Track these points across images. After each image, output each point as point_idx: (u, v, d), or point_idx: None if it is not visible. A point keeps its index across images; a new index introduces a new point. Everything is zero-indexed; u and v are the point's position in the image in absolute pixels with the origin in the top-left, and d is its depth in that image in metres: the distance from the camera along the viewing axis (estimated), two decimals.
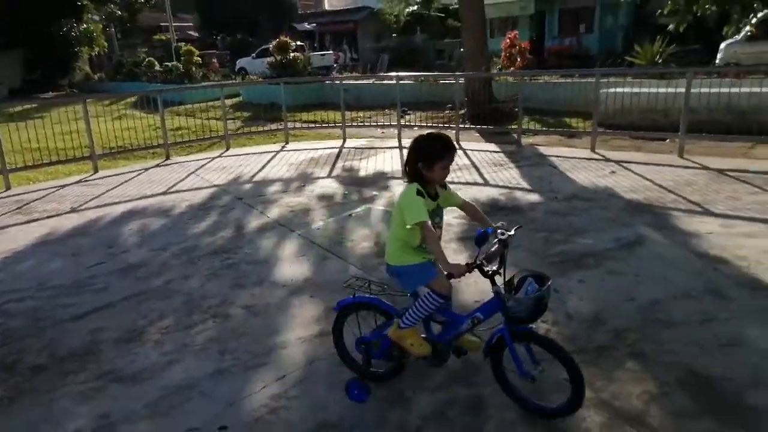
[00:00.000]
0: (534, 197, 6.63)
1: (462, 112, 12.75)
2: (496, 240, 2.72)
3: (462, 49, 15.16)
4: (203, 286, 4.67)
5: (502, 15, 27.48)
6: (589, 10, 25.66)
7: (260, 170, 8.92)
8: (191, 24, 46.81)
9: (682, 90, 8.44)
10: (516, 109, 11.11)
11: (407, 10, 32.96)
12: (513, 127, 10.35)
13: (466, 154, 9.32)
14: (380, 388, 3.15)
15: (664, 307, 3.87)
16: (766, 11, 12.60)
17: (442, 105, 13.57)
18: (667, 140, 9.19)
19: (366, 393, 3.04)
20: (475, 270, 2.63)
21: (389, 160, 9.25)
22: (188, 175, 8.89)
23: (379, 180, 7.86)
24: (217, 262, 5.14)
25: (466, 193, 6.82)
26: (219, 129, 11.81)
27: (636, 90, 10.57)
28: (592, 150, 9.00)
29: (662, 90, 9.94)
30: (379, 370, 3.18)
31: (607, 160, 8.35)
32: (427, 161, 2.69)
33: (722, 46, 15.62)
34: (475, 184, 7.44)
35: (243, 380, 3.34)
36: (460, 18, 13.90)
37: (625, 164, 7.95)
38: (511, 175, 7.77)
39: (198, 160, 10.15)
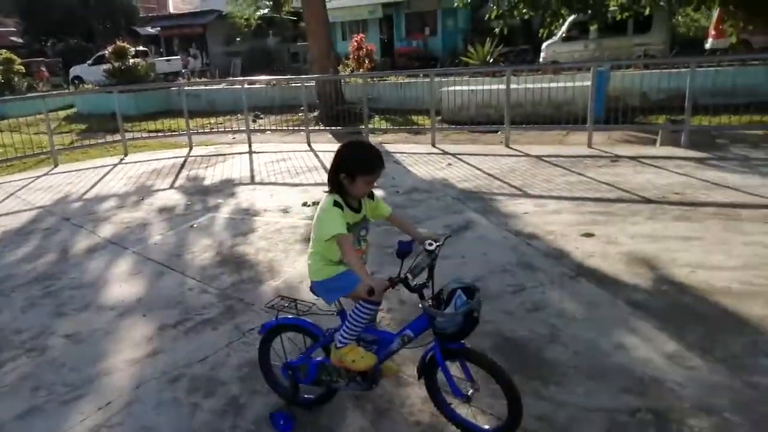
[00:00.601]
0: (378, 193, 6.84)
1: (314, 114, 12.88)
2: (422, 251, 2.52)
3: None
4: (17, 319, 4.22)
5: (353, 18, 28.13)
6: (431, 14, 27.17)
7: (93, 186, 8.25)
8: (14, 29, 41.80)
9: (518, 86, 9.32)
10: (366, 110, 11.49)
11: (258, 13, 32.40)
12: (361, 127, 10.65)
13: (316, 155, 9.42)
14: (306, 415, 2.91)
15: (484, 283, 4.24)
16: (573, 16, 14.27)
17: (296, 108, 13.56)
18: (499, 132, 10.04)
19: (292, 424, 2.82)
20: (400, 285, 2.37)
21: (238, 166, 9.06)
22: (7, 197, 7.96)
23: (226, 187, 7.67)
24: (35, 290, 4.68)
25: (316, 195, 6.92)
26: (47, 144, 10.71)
27: (473, 88, 11.42)
28: (433, 145, 9.57)
29: (494, 87, 10.85)
30: (307, 396, 2.96)
31: (445, 153, 8.93)
32: (351, 173, 2.44)
33: (544, 46, 17.44)
34: (324, 184, 7.51)
35: (58, 416, 3.08)
36: (305, 22, 14.02)
37: (460, 156, 8.56)
38: None
39: (20, 180, 9.12)
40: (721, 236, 4.77)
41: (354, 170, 2.44)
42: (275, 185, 7.68)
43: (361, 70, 15.92)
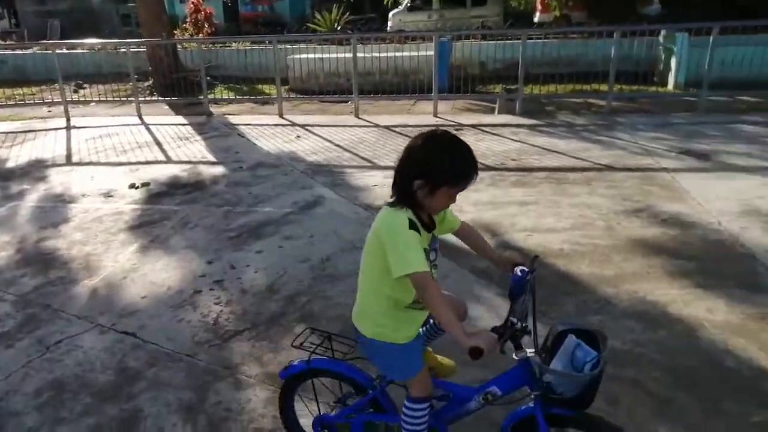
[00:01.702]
0: (219, 170, 6.35)
1: (147, 83, 11.62)
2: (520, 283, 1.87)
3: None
4: None
5: None
6: None
7: None
8: None
9: (364, 55, 9.13)
10: (208, 78, 10.59)
11: None
12: (201, 97, 9.80)
13: (148, 130, 8.48)
14: None
15: (333, 263, 4.04)
16: None
17: (126, 77, 12.11)
18: (349, 102, 9.86)
19: None
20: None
21: (52, 144, 7.83)
22: None
23: (35, 170, 6.56)
24: None
25: (146, 175, 6.17)
26: None
27: (321, 56, 11.05)
28: (281, 116, 9.12)
29: (342, 55, 10.59)
30: None
31: (294, 125, 8.55)
32: (433, 182, 1.72)
33: (390, 15, 17.54)
34: (157, 162, 6.79)
35: None
36: None
37: (310, 128, 8.24)
38: (197, 148, 7.32)
39: None
40: (553, 199, 5.08)
41: (440, 178, 1.71)
42: (97, 165, 6.74)
43: (200, 35, 14.68)
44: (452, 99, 9.53)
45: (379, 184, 5.63)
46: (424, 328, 2.07)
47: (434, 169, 1.71)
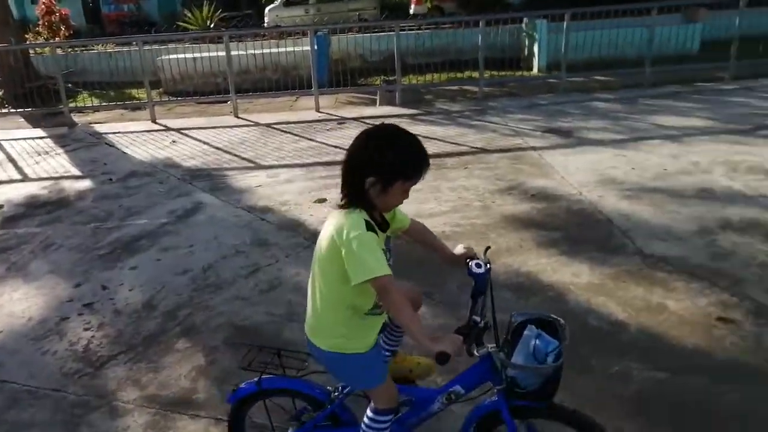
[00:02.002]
0: (85, 184, 5.87)
1: None
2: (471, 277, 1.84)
3: None
4: None
5: None
6: None
7: None
8: None
9: (233, 53, 8.81)
10: (69, 85, 9.75)
11: None
12: (61, 107, 8.99)
13: (0, 146, 7.64)
14: None
15: (215, 271, 3.89)
16: None
17: None
18: (228, 102, 9.52)
19: None
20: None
21: None
22: None
23: None
24: None
25: (0, 195, 5.56)
26: None
27: (194, 55, 10.54)
28: (153, 121, 8.60)
29: (218, 54, 10.17)
30: None
31: (169, 129, 8.11)
32: (386, 177, 1.65)
33: (266, 10, 17.16)
34: (11, 181, 6.14)
35: None
36: None
37: (185, 131, 7.86)
38: (58, 162, 6.71)
39: None
40: (433, 185, 5.24)
41: (393, 174, 1.65)
42: None
43: (56, 39, 13.44)
44: (333, 93, 9.52)
45: (263, 184, 5.50)
46: (383, 334, 2.02)
47: (385, 164, 1.63)
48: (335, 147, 6.63)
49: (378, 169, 1.63)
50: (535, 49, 10.73)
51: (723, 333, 2.94)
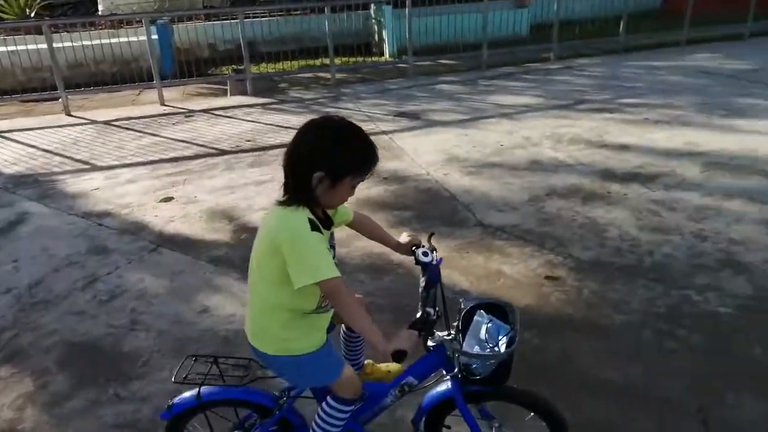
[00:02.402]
0: None
1: None
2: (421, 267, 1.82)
3: None
4: None
5: None
6: None
7: None
8: None
9: (63, 44, 7.90)
10: None
11: None
12: None
13: None
14: None
15: (45, 286, 3.52)
16: None
17: None
18: (60, 99, 8.57)
19: None
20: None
21: None
22: None
23: None
24: None
25: None
26: None
27: (12, 48, 9.29)
28: None
29: (40, 46, 9.07)
30: None
31: None
32: (336, 173, 1.55)
33: None
34: None
35: None
36: None
37: (7, 134, 6.95)
38: None
39: None
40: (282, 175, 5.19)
41: (342, 169, 1.55)
42: None
43: None
44: (180, 85, 8.98)
45: (101, 187, 5.06)
46: (343, 347, 2.03)
47: (334, 159, 1.54)
48: (183, 141, 6.28)
49: (327, 165, 1.53)
50: (385, 34, 11.00)
51: (550, 290, 3.27)
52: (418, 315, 1.63)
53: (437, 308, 1.69)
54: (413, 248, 1.90)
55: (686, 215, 4.03)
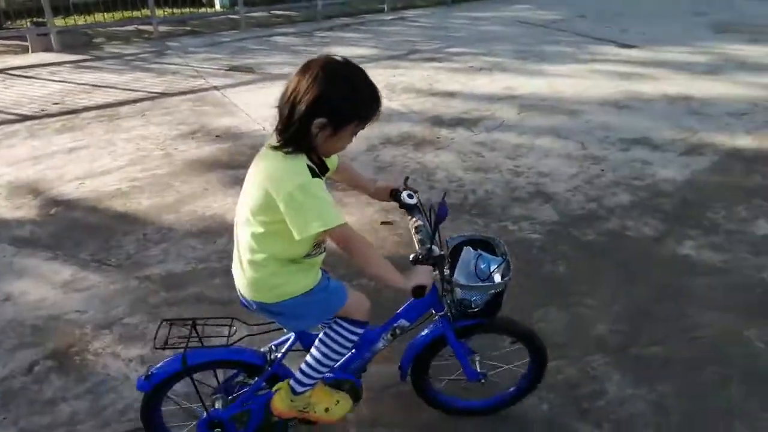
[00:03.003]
0: None
1: None
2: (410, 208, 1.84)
3: None
4: None
5: None
6: None
7: None
8: None
9: None
10: None
11: None
12: None
13: None
14: None
15: None
16: None
17: None
18: None
19: None
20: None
21: None
22: None
23: None
24: None
25: None
26: None
27: None
28: None
29: None
30: None
31: None
32: (339, 119, 1.40)
33: None
34: None
35: None
36: None
37: None
38: None
39: None
40: (106, 138, 4.69)
41: (347, 115, 1.43)
42: None
43: None
44: None
45: None
46: None
47: (339, 104, 1.40)
48: None
49: (330, 111, 1.39)
50: None
51: (386, 234, 3.39)
52: (422, 251, 1.63)
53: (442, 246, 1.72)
54: (394, 193, 1.87)
55: (504, 154, 4.39)
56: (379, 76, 6.30)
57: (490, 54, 7.15)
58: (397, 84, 6.03)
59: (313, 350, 1.75)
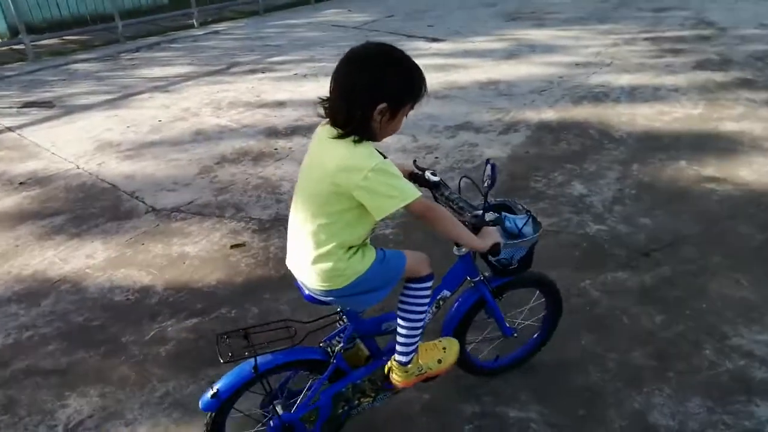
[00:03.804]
0: None
1: None
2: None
3: None
4: None
5: None
6: None
7: None
8: None
9: None
10: None
11: None
12: None
13: None
14: None
15: None
16: None
17: None
18: None
19: None
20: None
21: None
22: None
23: None
24: None
25: None
26: None
27: None
28: None
29: None
30: None
31: None
32: (396, 103, 1.46)
33: None
34: None
35: None
36: None
37: None
38: None
39: None
40: None
41: (403, 97, 1.47)
42: None
43: None
44: None
45: None
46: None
47: (396, 87, 1.46)
48: None
49: (389, 95, 1.44)
50: None
51: (238, 258, 3.21)
52: (474, 217, 1.73)
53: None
54: (414, 175, 1.90)
55: None
56: (201, 94, 6.00)
57: (312, 60, 7.18)
58: (223, 100, 5.78)
59: (399, 321, 1.81)
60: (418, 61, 1.50)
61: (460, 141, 4.58)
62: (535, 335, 2.29)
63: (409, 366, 1.84)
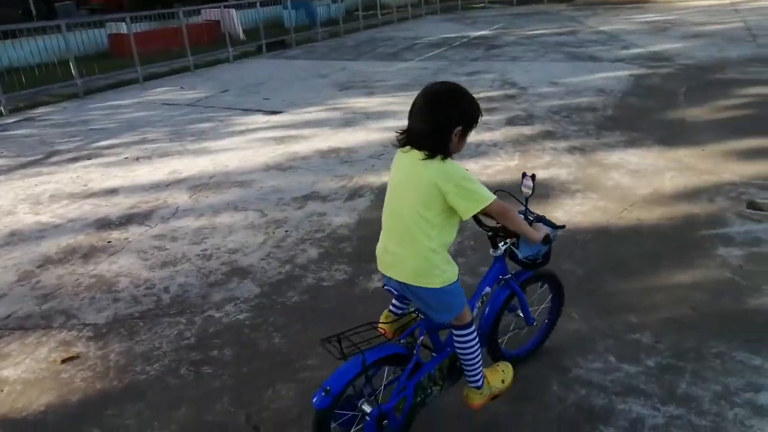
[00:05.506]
0: None
1: None
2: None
3: None
4: None
5: None
6: None
7: None
8: None
9: None
10: None
11: None
12: None
13: None
14: None
15: None
16: None
17: None
18: None
19: None
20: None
21: None
22: None
23: None
24: None
25: None
26: None
27: None
28: None
29: None
30: None
31: None
32: (466, 126, 1.90)
33: None
34: None
35: None
36: None
37: None
38: None
39: None
40: None
41: (471, 121, 1.91)
42: None
43: None
44: None
45: None
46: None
47: (467, 113, 1.88)
48: None
49: (464, 119, 1.86)
50: None
51: (72, 372, 2.83)
52: (536, 216, 2.30)
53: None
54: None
55: (188, 241, 4.21)
56: (14, 189, 5.37)
57: (144, 141, 6.83)
58: (42, 194, 5.22)
59: (462, 360, 2.15)
60: (258, 135, 1.52)
61: (309, 211, 4.61)
62: (545, 322, 2.73)
63: (483, 388, 2.19)
